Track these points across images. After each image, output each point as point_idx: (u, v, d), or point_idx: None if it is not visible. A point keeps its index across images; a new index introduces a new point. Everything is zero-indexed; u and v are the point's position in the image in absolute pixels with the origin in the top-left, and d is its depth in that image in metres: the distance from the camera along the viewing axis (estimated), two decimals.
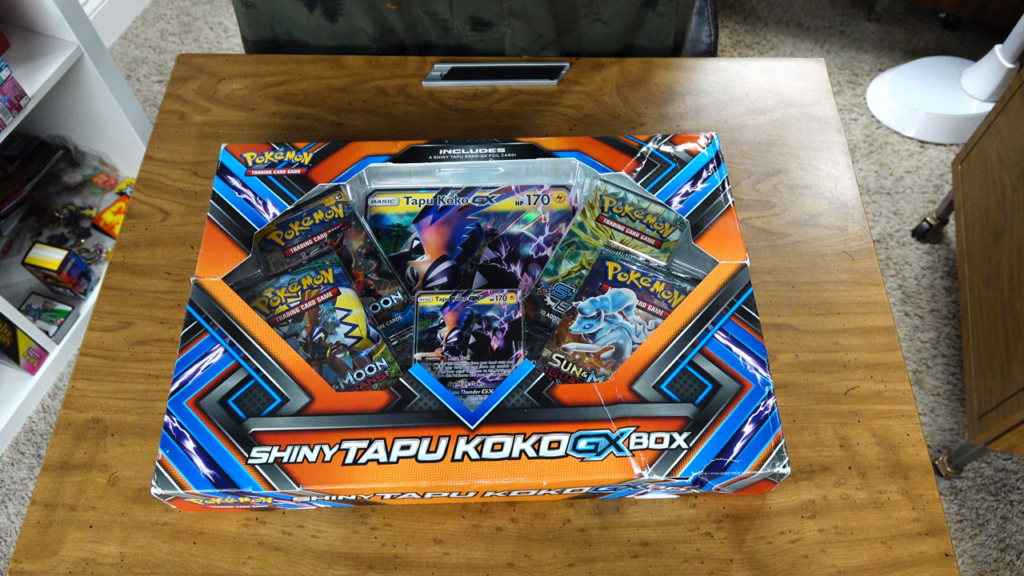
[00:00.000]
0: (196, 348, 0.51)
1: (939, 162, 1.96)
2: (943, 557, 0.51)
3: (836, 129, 0.71)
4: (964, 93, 1.96)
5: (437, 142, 0.61)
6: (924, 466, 0.54)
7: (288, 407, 0.49)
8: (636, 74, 0.74)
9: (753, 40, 2.20)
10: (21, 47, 1.45)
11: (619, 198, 0.60)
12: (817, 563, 0.51)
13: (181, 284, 0.62)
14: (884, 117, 2.01)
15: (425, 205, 0.62)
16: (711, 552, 0.51)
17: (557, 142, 0.60)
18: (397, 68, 0.74)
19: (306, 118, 0.71)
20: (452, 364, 0.53)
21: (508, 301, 0.55)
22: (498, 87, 0.73)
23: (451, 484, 0.47)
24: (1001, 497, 1.51)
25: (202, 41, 2.18)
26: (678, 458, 0.48)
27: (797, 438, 0.55)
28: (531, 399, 0.49)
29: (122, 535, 0.51)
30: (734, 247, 0.55)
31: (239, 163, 0.59)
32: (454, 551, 0.51)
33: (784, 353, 0.59)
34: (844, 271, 0.62)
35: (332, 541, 0.51)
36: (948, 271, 1.79)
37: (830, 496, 0.53)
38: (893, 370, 0.58)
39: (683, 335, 0.52)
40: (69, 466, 0.54)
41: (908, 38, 2.21)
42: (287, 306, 0.56)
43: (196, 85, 0.73)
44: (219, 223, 0.56)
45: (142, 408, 0.56)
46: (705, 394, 0.50)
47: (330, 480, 0.47)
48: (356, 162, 0.60)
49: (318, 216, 0.59)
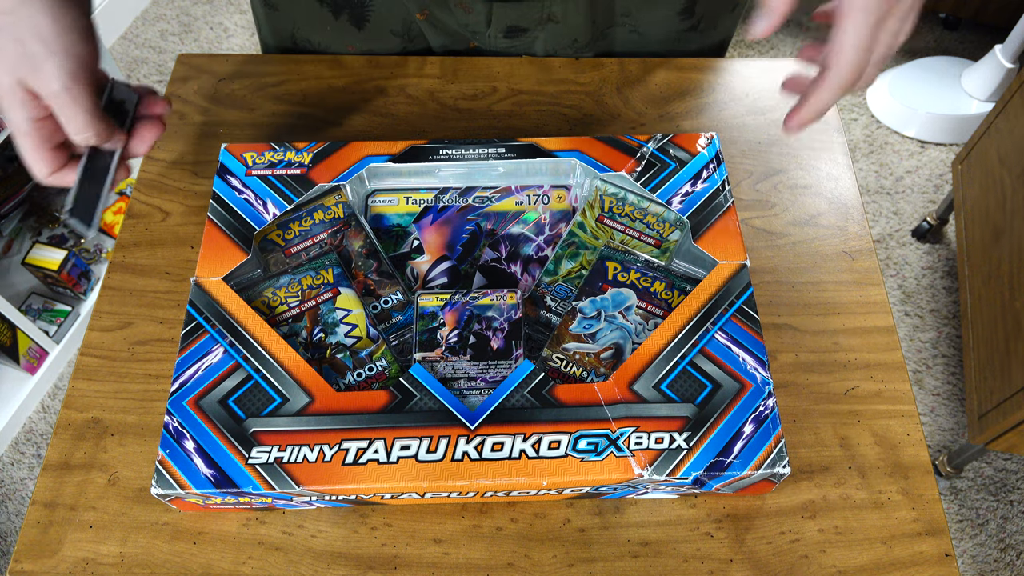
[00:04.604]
0: (196, 348, 0.51)
1: (939, 162, 1.96)
2: (943, 557, 0.51)
3: (836, 129, 0.71)
4: (964, 93, 1.96)
5: (437, 142, 0.61)
6: (924, 466, 0.54)
7: (288, 407, 0.49)
8: (636, 74, 0.74)
9: (753, 40, 2.20)
10: None
11: (619, 198, 0.60)
12: (817, 563, 0.51)
13: (181, 284, 0.62)
14: (884, 117, 2.01)
15: (425, 205, 0.62)
16: (711, 552, 0.51)
17: (557, 142, 0.60)
18: (397, 68, 0.74)
19: (306, 118, 0.71)
20: (452, 364, 0.53)
21: (508, 301, 0.55)
22: (498, 87, 0.73)
23: (451, 484, 0.47)
24: (1001, 497, 1.51)
25: (202, 41, 2.18)
26: (678, 458, 0.48)
27: (797, 438, 0.55)
28: (531, 399, 0.49)
29: (122, 535, 0.51)
30: (734, 247, 0.55)
31: (239, 163, 0.59)
32: (454, 551, 0.51)
33: (784, 353, 0.59)
34: (844, 271, 0.62)
35: (332, 541, 0.51)
36: (948, 271, 1.79)
37: (830, 496, 0.53)
38: (893, 370, 0.58)
39: (683, 335, 0.52)
40: (69, 466, 0.54)
41: (908, 38, 2.21)
42: (287, 306, 0.56)
43: (196, 85, 0.73)
44: (219, 223, 0.56)
45: (142, 408, 0.56)
46: (705, 394, 0.50)
47: (330, 480, 0.47)
48: (356, 162, 0.60)
49: (318, 216, 0.59)
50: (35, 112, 0.50)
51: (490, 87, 0.73)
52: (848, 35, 0.46)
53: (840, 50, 0.47)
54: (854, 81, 0.48)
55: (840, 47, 0.47)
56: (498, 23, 0.71)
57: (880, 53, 0.48)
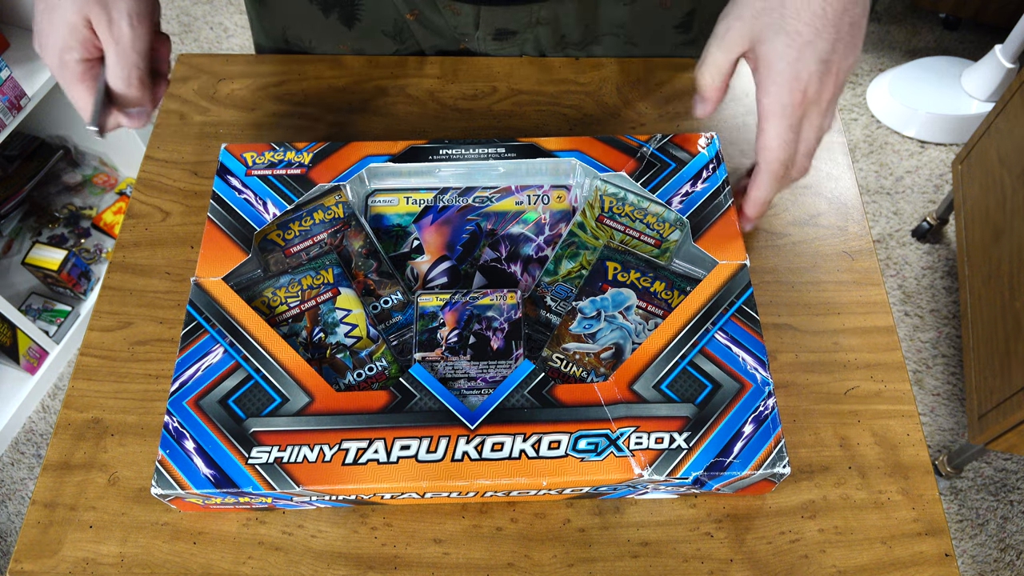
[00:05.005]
0: (196, 348, 0.51)
1: (939, 162, 1.96)
2: (943, 557, 0.51)
3: (836, 129, 0.71)
4: (964, 93, 1.96)
5: (437, 142, 0.61)
6: (924, 466, 0.54)
7: (288, 407, 0.49)
8: (636, 74, 0.74)
9: None
10: (21, 47, 1.46)
11: (619, 198, 0.60)
12: (817, 563, 0.51)
13: (181, 284, 0.62)
14: (884, 117, 2.01)
15: (425, 205, 0.62)
16: (711, 552, 0.51)
17: (557, 142, 0.60)
18: (397, 68, 0.74)
19: (306, 118, 0.71)
20: (452, 364, 0.53)
21: (508, 301, 0.55)
22: (498, 87, 0.73)
23: (451, 484, 0.47)
24: (1001, 497, 1.51)
25: (202, 41, 2.18)
26: (678, 458, 0.48)
27: (797, 438, 0.55)
28: (531, 399, 0.49)
29: (122, 535, 0.52)
30: (734, 247, 0.55)
31: (239, 163, 0.59)
32: (454, 551, 0.51)
33: (784, 353, 0.59)
34: (844, 271, 0.62)
35: (332, 541, 0.51)
36: (948, 271, 1.79)
37: (830, 496, 0.53)
38: (893, 370, 0.58)
39: (683, 335, 0.52)
40: (69, 466, 0.54)
41: (908, 38, 2.21)
42: (287, 306, 0.56)
43: (196, 85, 0.73)
44: (219, 223, 0.56)
45: (142, 408, 0.56)
46: (705, 394, 0.50)
47: (330, 480, 0.47)
48: (356, 162, 0.60)
49: (318, 216, 0.59)
50: (88, 53, 0.53)
51: (490, 87, 0.73)
52: (770, 136, 0.51)
53: (765, 148, 0.52)
54: (784, 173, 0.53)
55: (764, 146, 0.52)
56: (486, 26, 0.71)
57: (806, 146, 0.52)
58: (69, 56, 0.52)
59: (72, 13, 0.51)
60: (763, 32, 0.50)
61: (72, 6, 0.51)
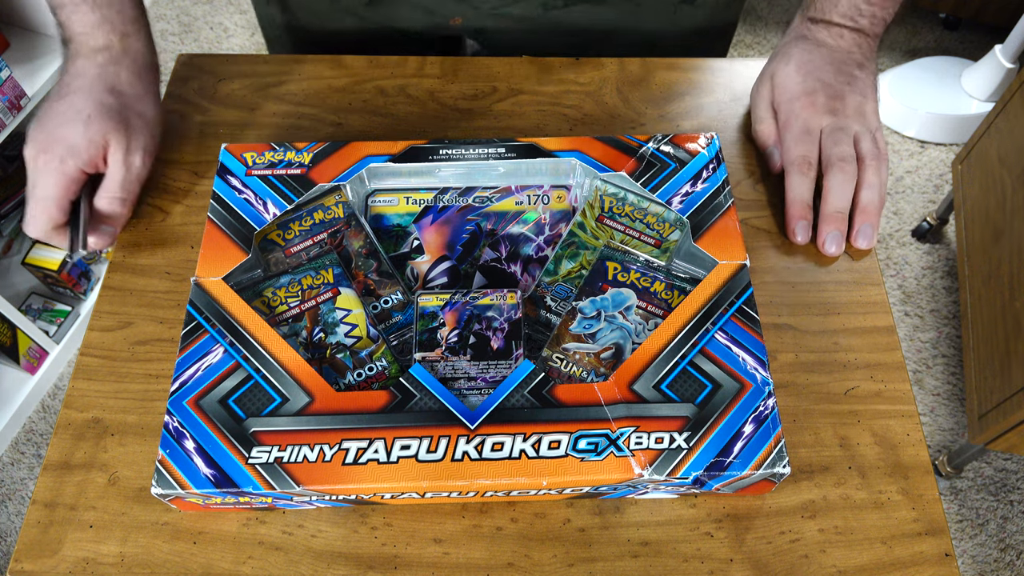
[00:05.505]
0: (196, 348, 0.51)
1: (939, 162, 1.96)
2: (943, 557, 0.51)
3: None
4: (964, 93, 1.96)
5: (437, 142, 0.61)
6: (924, 466, 0.54)
7: (288, 407, 0.49)
8: (636, 74, 0.74)
9: (753, 40, 2.21)
10: (21, 47, 1.46)
11: (619, 198, 0.60)
12: (817, 563, 0.51)
13: (181, 284, 0.62)
14: (884, 117, 2.01)
15: (425, 205, 0.62)
16: (711, 552, 0.51)
17: (557, 142, 0.60)
18: (397, 68, 0.74)
19: (306, 118, 0.71)
20: (452, 364, 0.53)
21: (508, 301, 0.55)
22: (498, 87, 0.73)
23: (451, 484, 0.47)
24: (1001, 497, 1.51)
25: (202, 41, 2.18)
26: (678, 458, 0.48)
27: (797, 438, 0.55)
28: (531, 399, 0.49)
29: (122, 535, 0.52)
30: (734, 247, 0.55)
31: (239, 163, 0.59)
32: (454, 551, 0.51)
33: (784, 353, 0.59)
34: (844, 271, 0.62)
35: (332, 541, 0.51)
36: (948, 271, 1.79)
37: (830, 496, 0.53)
38: (893, 370, 0.58)
39: (683, 335, 0.52)
40: (69, 466, 0.54)
41: (908, 38, 2.22)
42: (287, 306, 0.56)
43: (196, 85, 0.73)
44: (219, 223, 0.56)
45: (142, 408, 0.56)
46: (705, 394, 0.50)
47: (330, 480, 0.47)
48: (356, 162, 0.60)
49: (318, 216, 0.59)
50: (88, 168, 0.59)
51: (490, 87, 0.73)
52: (786, 140, 0.65)
53: (784, 150, 0.65)
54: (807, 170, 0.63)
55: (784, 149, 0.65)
56: None
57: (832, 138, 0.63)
58: (73, 161, 0.58)
59: (97, 132, 0.58)
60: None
61: (100, 126, 0.58)
